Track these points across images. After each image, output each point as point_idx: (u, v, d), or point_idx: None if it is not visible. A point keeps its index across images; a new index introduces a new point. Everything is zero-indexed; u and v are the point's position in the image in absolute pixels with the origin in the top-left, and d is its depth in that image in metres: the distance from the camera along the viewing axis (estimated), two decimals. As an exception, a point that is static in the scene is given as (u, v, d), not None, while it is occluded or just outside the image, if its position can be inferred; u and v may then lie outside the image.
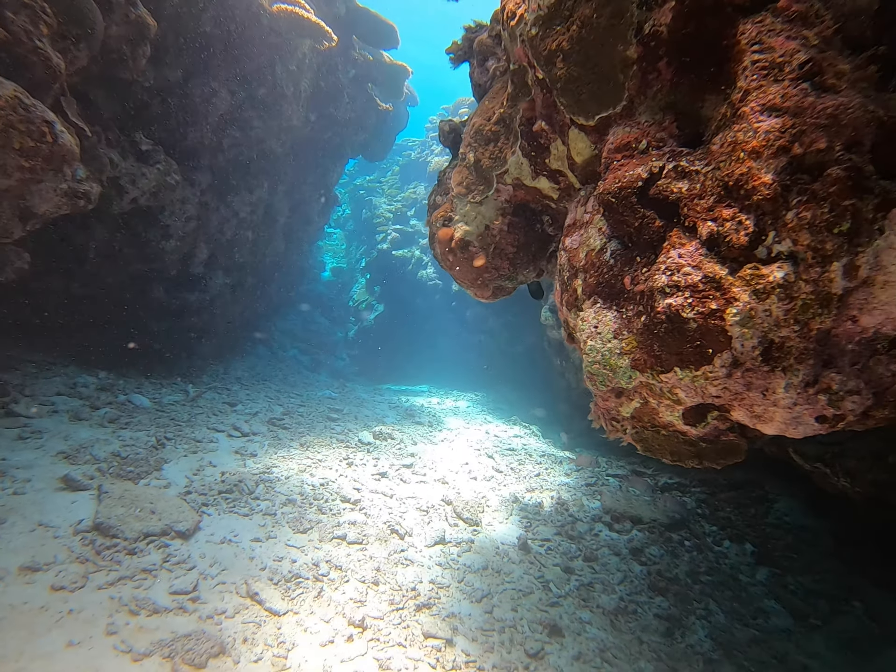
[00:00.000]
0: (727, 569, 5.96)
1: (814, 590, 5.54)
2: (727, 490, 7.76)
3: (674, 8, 1.74)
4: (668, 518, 6.87)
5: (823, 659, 4.78)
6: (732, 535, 6.67)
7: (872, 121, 1.54)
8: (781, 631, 5.06)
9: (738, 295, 1.64)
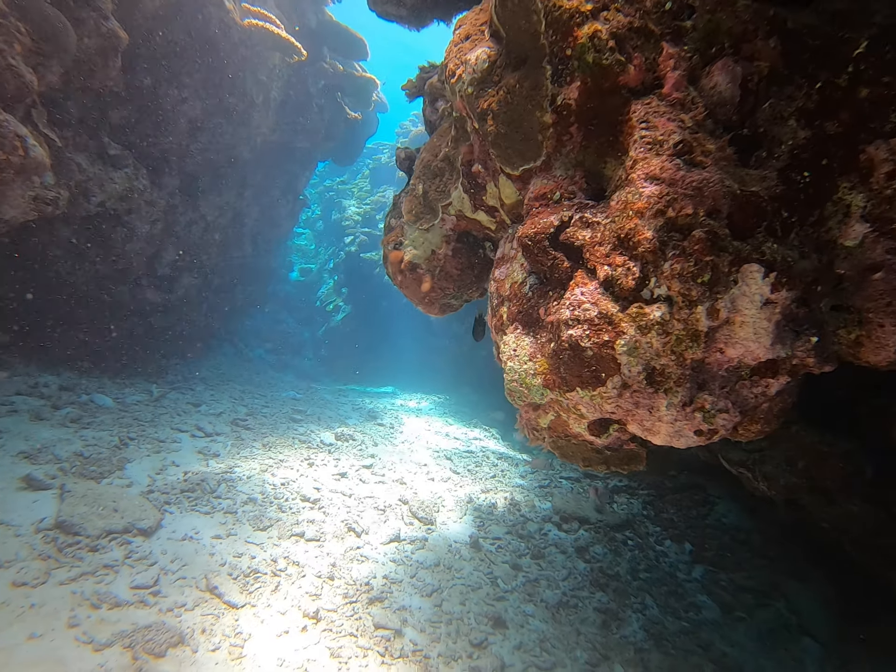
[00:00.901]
0: (666, 566, 6.35)
1: (743, 585, 5.96)
2: (672, 493, 8.17)
3: (579, 87, 2.07)
4: (613, 518, 7.27)
5: (743, 647, 5.20)
6: (674, 535, 7.07)
7: (728, 193, 1.89)
8: (710, 623, 5.47)
9: (626, 329, 1.97)
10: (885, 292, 2.15)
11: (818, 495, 4.73)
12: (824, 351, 2.14)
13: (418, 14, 4.67)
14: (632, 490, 8.36)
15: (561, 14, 2.02)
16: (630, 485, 8.45)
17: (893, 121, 1.96)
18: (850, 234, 2.12)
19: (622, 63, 2.02)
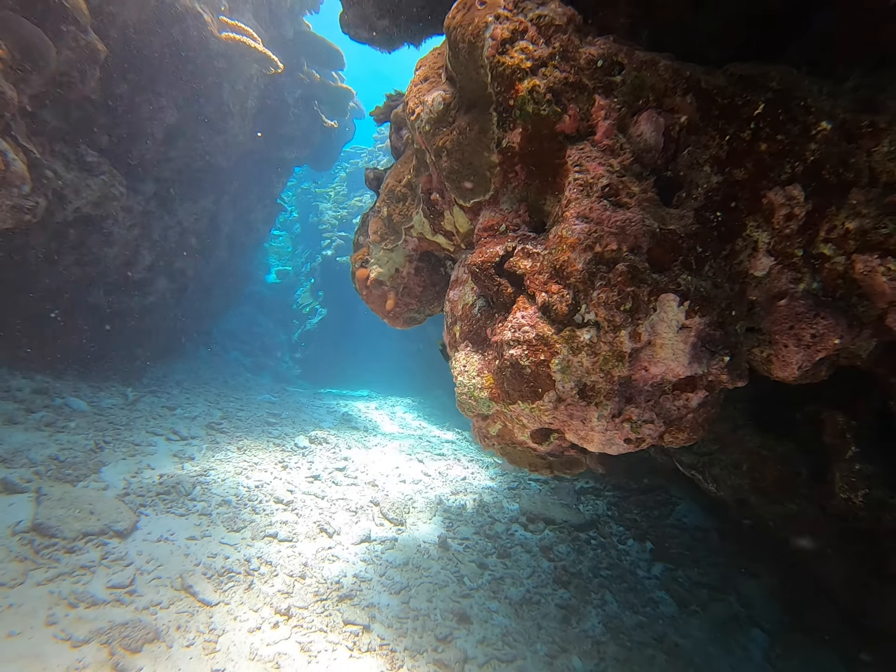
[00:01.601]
0: (627, 564, 6.65)
1: (699, 581, 6.28)
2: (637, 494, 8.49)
3: (521, 133, 2.33)
4: (578, 519, 7.56)
5: (695, 638, 5.51)
6: (636, 534, 7.38)
7: (648, 232, 2.17)
8: (666, 617, 5.77)
9: (560, 349, 2.23)
10: (788, 317, 2.45)
11: (761, 496, 5.04)
12: (737, 368, 2.43)
13: (388, 39, 4.92)
14: (598, 491, 8.65)
15: (504, 69, 2.28)
16: (596, 486, 8.74)
17: (788, 171, 2.26)
18: (759, 266, 2.42)
19: (558, 113, 2.28)
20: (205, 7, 7.40)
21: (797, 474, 4.62)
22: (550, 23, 2.32)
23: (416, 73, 2.89)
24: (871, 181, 2.30)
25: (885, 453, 3.96)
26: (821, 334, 2.42)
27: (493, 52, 2.29)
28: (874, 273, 2.32)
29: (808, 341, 2.44)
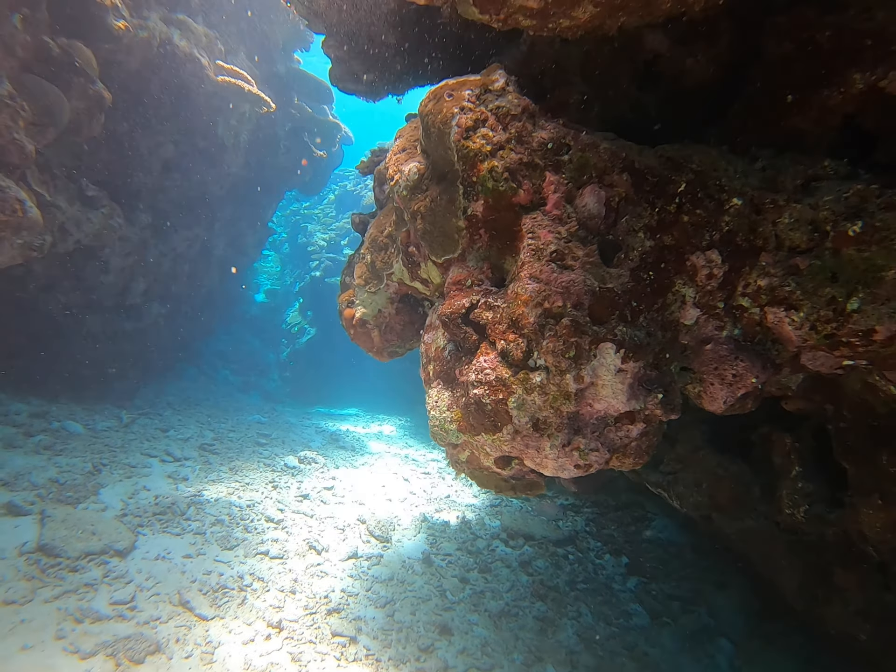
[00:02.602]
0: (602, 578, 6.98)
1: (671, 594, 6.61)
2: (615, 510, 8.83)
3: (483, 204, 2.75)
4: (557, 535, 7.89)
5: (665, 648, 5.86)
6: (612, 549, 7.70)
7: (589, 291, 2.59)
8: (638, 628, 6.10)
9: (516, 389, 2.63)
10: (713, 359, 2.88)
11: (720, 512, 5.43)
12: (670, 404, 2.84)
13: (374, 90, 5.37)
14: (577, 508, 8.98)
15: (468, 152, 2.70)
16: (575, 503, 9.08)
17: (707, 238, 2.69)
18: (687, 316, 2.84)
19: (514, 188, 2.70)
20: (202, 52, 7.84)
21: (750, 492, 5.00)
22: (507, 112, 2.75)
23: (395, 143, 3.32)
24: (777, 246, 2.74)
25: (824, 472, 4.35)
26: (740, 374, 2.84)
27: (459, 138, 2.72)
28: (782, 323, 2.75)
29: (730, 380, 2.86)
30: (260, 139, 10.35)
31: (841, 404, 3.75)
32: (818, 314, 2.68)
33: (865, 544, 4.07)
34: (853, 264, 2.64)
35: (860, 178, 2.78)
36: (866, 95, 2.74)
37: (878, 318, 2.60)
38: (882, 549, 3.99)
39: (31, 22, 4.81)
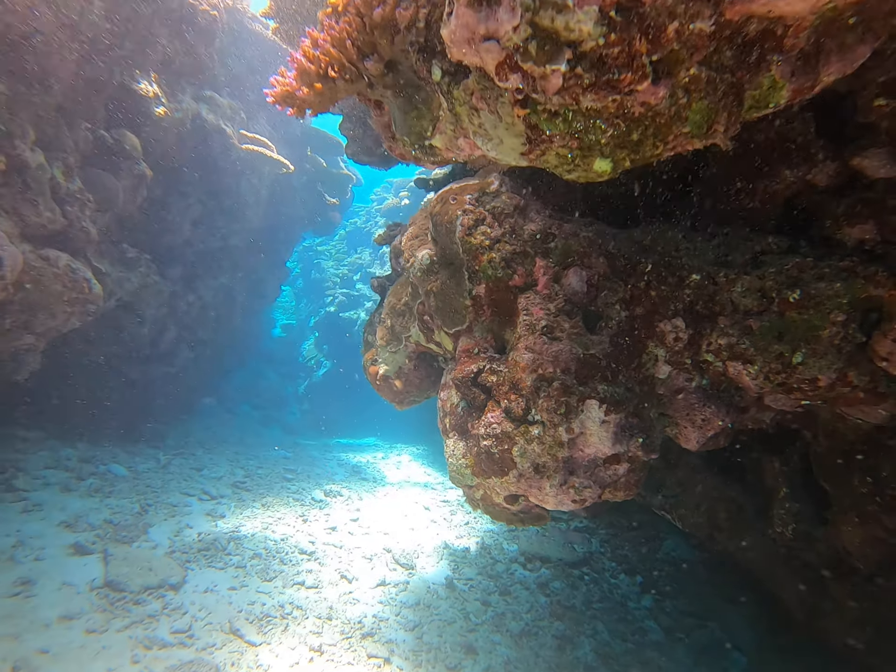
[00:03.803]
0: (618, 597, 7.38)
1: (685, 611, 6.97)
2: (627, 531, 9.20)
3: (485, 287, 3.35)
4: (572, 557, 8.30)
5: (679, 662, 6.24)
6: (627, 569, 8.06)
7: (575, 358, 3.17)
8: (653, 644, 6.48)
9: (518, 440, 3.20)
10: (685, 406, 3.43)
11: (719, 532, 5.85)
12: (650, 446, 3.38)
13: (385, 160, 6.03)
14: (591, 530, 9.37)
15: (471, 246, 3.31)
16: (590, 525, 9.47)
17: (672, 308, 3.26)
18: (661, 372, 3.40)
19: (510, 274, 3.31)
20: (227, 122, 8.63)
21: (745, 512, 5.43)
22: (502, 211, 3.37)
23: (409, 229, 3.95)
24: (733, 310, 3.30)
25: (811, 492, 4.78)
26: (708, 419, 3.39)
27: (463, 234, 3.33)
28: (741, 374, 3.29)
29: (700, 424, 3.41)
30: (278, 193, 11.14)
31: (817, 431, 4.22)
32: (770, 367, 3.23)
33: (851, 558, 4.45)
34: (796, 325, 3.19)
35: (799, 251, 3.35)
36: (799, 185, 3.31)
37: (819, 369, 3.14)
38: (865, 563, 4.37)
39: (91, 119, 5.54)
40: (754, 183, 3.48)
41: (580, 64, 1.21)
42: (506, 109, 1.44)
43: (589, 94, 1.25)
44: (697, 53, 1.23)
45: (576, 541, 8.97)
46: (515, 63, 1.27)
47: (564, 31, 1.17)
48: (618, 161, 1.50)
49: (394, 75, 1.74)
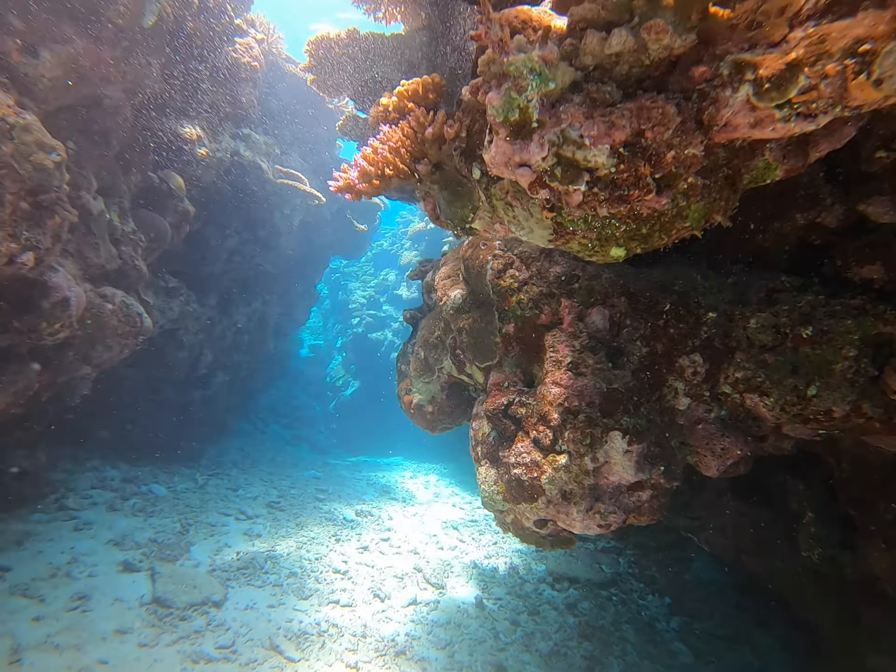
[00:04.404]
0: (646, 618, 7.45)
1: (715, 633, 6.98)
2: (655, 552, 9.23)
3: (514, 326, 3.61)
4: (600, 577, 8.38)
5: (708, 684, 6.29)
6: (655, 590, 8.11)
7: (598, 392, 3.39)
8: (682, 667, 6.54)
9: (546, 469, 3.43)
10: (704, 436, 3.62)
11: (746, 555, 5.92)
12: (671, 474, 3.58)
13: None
14: (619, 550, 9.43)
15: (500, 288, 3.58)
16: (617, 546, 9.53)
17: (690, 345, 3.48)
18: (681, 404, 3.61)
19: (537, 314, 3.56)
20: (263, 158, 9.10)
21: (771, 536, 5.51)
22: (529, 255, 3.63)
23: (442, 269, 4.23)
24: (748, 345, 3.50)
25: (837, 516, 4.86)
26: (727, 448, 3.58)
27: (493, 277, 3.60)
28: (758, 406, 3.48)
29: (720, 453, 3.59)
30: (310, 223, 11.60)
31: (839, 457, 4.34)
32: (785, 399, 3.41)
33: (881, 583, 4.48)
34: (809, 359, 3.38)
35: (811, 288, 3.54)
36: (809, 226, 3.52)
37: (833, 401, 3.32)
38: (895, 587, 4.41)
39: (142, 164, 6.00)
40: (767, 224, 3.69)
41: (596, 185, 1.47)
42: (535, 209, 1.71)
43: (604, 206, 1.51)
44: (692, 168, 1.48)
45: (603, 561, 9.03)
46: (544, 182, 1.53)
47: (583, 162, 1.43)
48: (630, 248, 1.75)
49: (440, 174, 2.03)
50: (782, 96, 1.21)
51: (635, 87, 1.40)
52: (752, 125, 1.33)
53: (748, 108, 1.29)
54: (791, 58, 1.17)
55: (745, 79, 1.25)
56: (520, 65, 1.39)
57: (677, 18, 1.22)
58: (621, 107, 1.34)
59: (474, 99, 1.65)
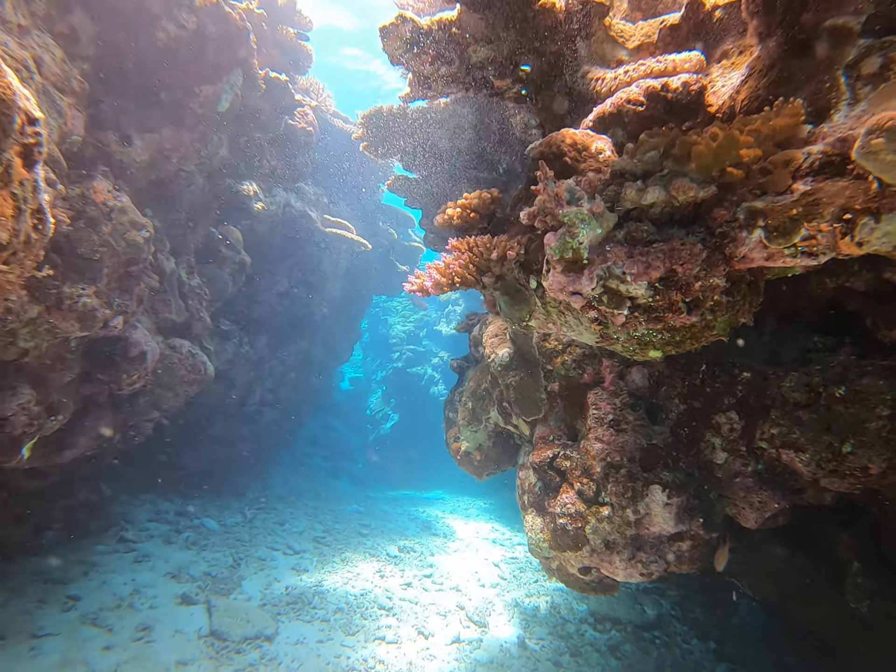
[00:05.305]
0: (691, 664, 7.39)
1: (763, 683, 6.90)
2: (699, 593, 9.12)
3: (558, 385, 3.87)
4: (643, 619, 8.34)
5: (753, 731, 6.23)
6: (699, 633, 8.01)
7: (639, 448, 3.61)
8: (729, 716, 6.50)
9: (590, 519, 3.64)
10: (742, 489, 3.78)
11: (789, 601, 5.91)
12: (710, 525, 3.75)
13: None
14: (661, 591, 9.36)
15: (545, 350, 3.86)
16: (659, 586, 9.46)
17: (726, 403, 3.67)
18: (718, 458, 3.79)
19: (580, 374, 3.82)
20: (312, 208, 9.67)
21: (816, 583, 5.51)
22: (571, 317, 3.90)
23: (489, 328, 4.54)
24: (783, 403, 3.67)
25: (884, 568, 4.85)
26: (765, 501, 3.73)
27: (539, 340, 3.88)
28: (794, 461, 3.64)
29: (758, 506, 3.75)
30: (355, 266, 12.14)
31: (883, 509, 4.39)
32: (821, 455, 3.56)
33: None
34: (843, 418, 3.53)
35: (843, 349, 3.70)
36: (838, 289, 3.70)
37: (868, 459, 3.46)
38: None
39: (204, 221, 6.54)
40: (798, 287, 3.88)
41: (637, 310, 1.75)
42: (584, 320, 1.99)
43: (643, 324, 1.79)
44: (717, 291, 1.74)
45: (645, 602, 8.96)
46: (593, 306, 1.82)
47: (626, 292, 1.71)
48: (666, 351, 2.01)
49: (501, 283, 2.34)
50: (788, 242, 1.47)
51: (667, 221, 1.68)
52: (765, 258, 1.59)
53: (761, 246, 1.56)
54: (793, 213, 1.43)
55: (758, 224, 1.52)
56: (573, 216, 1.69)
57: (701, 175, 1.51)
58: (656, 247, 1.62)
59: (531, 224, 1.96)
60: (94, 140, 4.26)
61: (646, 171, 1.62)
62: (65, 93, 3.65)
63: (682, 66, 2.11)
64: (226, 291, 6.79)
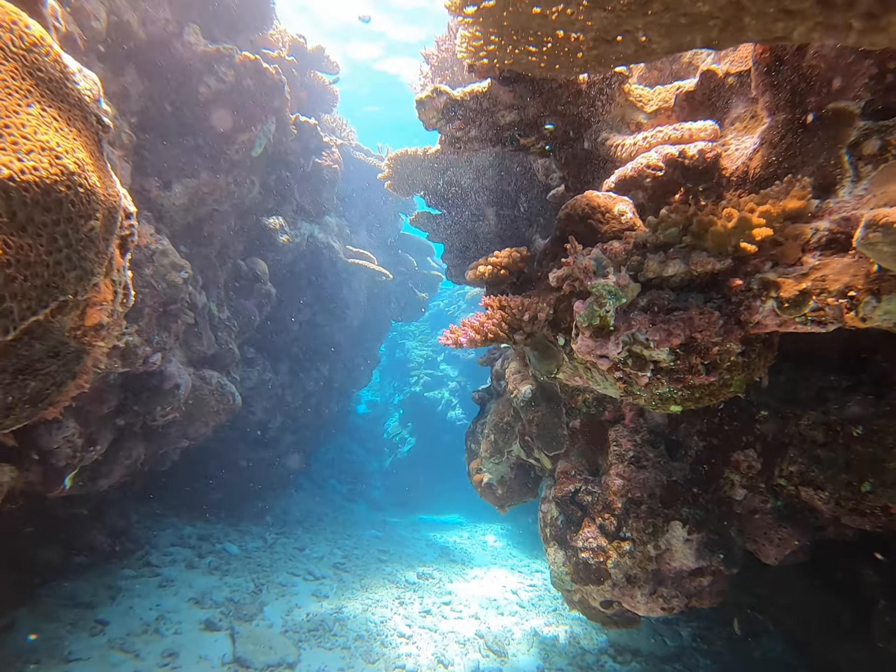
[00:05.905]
0: (712, 697, 7.34)
1: (787, 723, 6.81)
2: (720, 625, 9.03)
3: (580, 421, 3.99)
4: (663, 651, 8.27)
5: None
6: (722, 668, 7.96)
7: (659, 484, 3.71)
8: (751, 755, 6.42)
9: (612, 554, 3.73)
10: (762, 526, 3.85)
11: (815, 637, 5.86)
12: (730, 561, 3.81)
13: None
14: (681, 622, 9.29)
15: (568, 388, 3.99)
16: (679, 617, 9.39)
17: (744, 440, 3.76)
18: (738, 494, 3.86)
19: (601, 411, 3.94)
20: (334, 239, 9.95)
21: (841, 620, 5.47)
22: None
23: (511, 364, 4.68)
24: (801, 441, 3.76)
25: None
26: (784, 539, 3.80)
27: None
28: (813, 499, 3.71)
29: (778, 542, 3.81)
30: (376, 294, 12.40)
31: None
32: (840, 493, 3.63)
33: None
34: (861, 457, 3.61)
35: (860, 388, 3.79)
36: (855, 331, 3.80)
37: (888, 498, 3.52)
38: None
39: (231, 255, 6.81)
40: (815, 326, 4.00)
41: (659, 373, 1.89)
42: (610, 378, 2.14)
43: (665, 384, 1.93)
44: (733, 353, 1.88)
45: (666, 633, 8.87)
46: (618, 367, 1.96)
47: (649, 357, 1.86)
48: (686, 406, 2.14)
49: (532, 340, 2.50)
50: (799, 312, 1.60)
51: (687, 289, 1.83)
52: (778, 325, 1.72)
53: (774, 314, 1.69)
54: (802, 287, 1.57)
55: (771, 295, 1.65)
56: (600, 288, 1.85)
57: (717, 250, 1.65)
58: (677, 315, 1.77)
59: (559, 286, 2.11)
60: (137, 186, 4.55)
61: (666, 242, 1.78)
62: (115, 146, 3.92)
63: (699, 135, 2.27)
64: (253, 322, 7.03)
